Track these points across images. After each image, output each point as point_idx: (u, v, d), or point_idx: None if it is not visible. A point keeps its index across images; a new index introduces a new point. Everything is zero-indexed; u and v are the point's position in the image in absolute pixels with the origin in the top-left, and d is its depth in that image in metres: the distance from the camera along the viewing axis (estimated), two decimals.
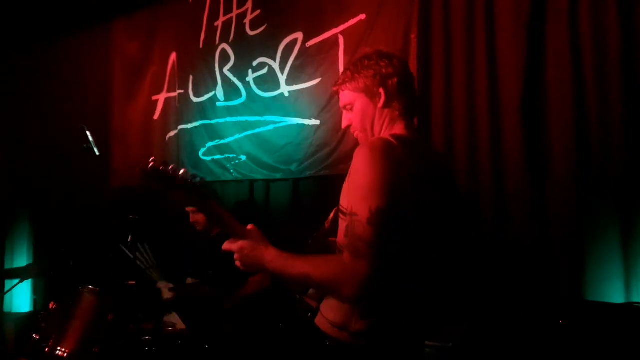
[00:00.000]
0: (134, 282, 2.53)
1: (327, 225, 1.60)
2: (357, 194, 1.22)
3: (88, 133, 2.80)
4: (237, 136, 3.49)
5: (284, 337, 1.47)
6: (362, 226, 1.17)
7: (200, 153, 3.67)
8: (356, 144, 2.86)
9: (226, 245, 1.34)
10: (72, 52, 4.33)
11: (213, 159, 3.61)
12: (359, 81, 1.44)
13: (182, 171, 1.24)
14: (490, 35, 2.51)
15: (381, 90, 1.42)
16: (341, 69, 3.05)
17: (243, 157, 3.46)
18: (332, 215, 1.60)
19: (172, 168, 1.24)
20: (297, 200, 3.26)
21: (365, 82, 1.43)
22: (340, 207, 1.34)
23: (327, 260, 1.29)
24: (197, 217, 1.39)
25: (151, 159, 1.22)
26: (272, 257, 1.30)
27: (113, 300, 2.49)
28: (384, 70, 1.42)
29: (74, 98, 4.24)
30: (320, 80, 3.13)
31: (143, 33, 4.04)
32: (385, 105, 1.43)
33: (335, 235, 1.40)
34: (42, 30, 4.34)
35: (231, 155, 3.50)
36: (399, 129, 1.42)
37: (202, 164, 3.66)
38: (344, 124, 1.51)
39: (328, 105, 3.10)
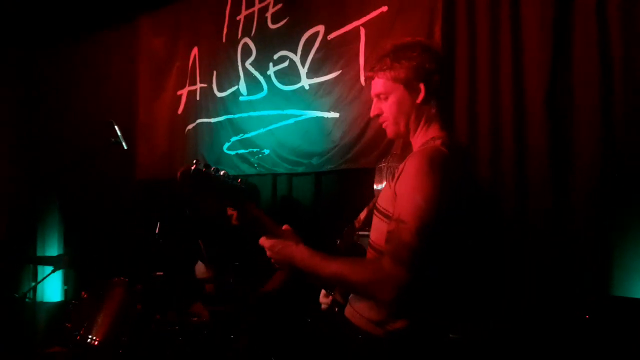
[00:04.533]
0: (161, 273, 2.59)
1: (357, 224, 1.59)
2: (408, 203, 1.20)
3: (116, 127, 2.87)
4: (259, 130, 3.52)
5: (312, 329, 1.48)
6: (410, 235, 1.16)
7: (225, 147, 3.71)
8: (376, 137, 2.92)
9: (261, 241, 1.35)
10: (99, 49, 4.43)
11: (237, 153, 3.65)
12: (398, 71, 1.35)
13: (222, 172, 1.24)
14: (516, 28, 2.46)
15: (421, 85, 1.34)
16: (362, 61, 3.03)
17: (266, 151, 3.49)
18: (363, 215, 1.59)
19: (214, 170, 1.24)
20: (320, 194, 3.27)
21: (405, 73, 1.35)
22: (380, 209, 1.33)
23: (363, 264, 1.28)
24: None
25: (195, 162, 1.21)
26: (303, 256, 1.30)
27: (141, 291, 2.56)
28: (427, 65, 1.34)
29: (101, 94, 4.34)
30: (341, 73, 3.13)
31: (168, 29, 4.09)
32: (424, 102, 1.36)
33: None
34: (69, 29, 4.44)
35: (255, 150, 3.54)
36: (435, 129, 1.37)
37: (226, 158, 3.70)
38: (373, 112, 1.44)
39: (348, 97, 3.10)
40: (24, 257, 4.00)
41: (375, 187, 2.58)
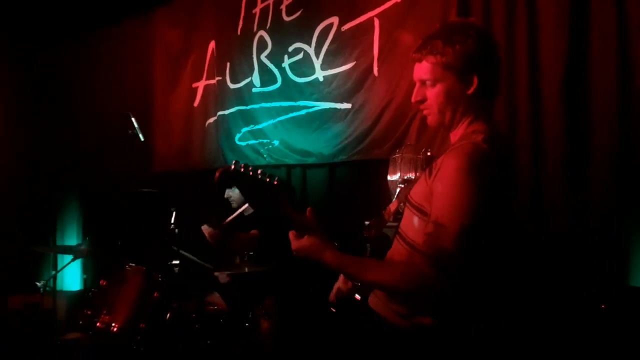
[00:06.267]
0: (177, 262, 2.64)
1: (386, 216, 1.57)
2: (448, 206, 1.15)
3: (133, 119, 2.92)
4: (270, 121, 3.55)
5: (336, 318, 1.48)
6: (451, 241, 1.12)
7: (236, 138, 3.75)
8: (389, 128, 2.91)
9: (290, 235, 1.29)
10: (116, 41, 4.47)
11: (248, 144, 3.69)
12: (450, 57, 1.22)
13: (259, 171, 1.23)
14: (532, 17, 2.43)
15: (475, 77, 1.23)
16: (376, 52, 3.03)
17: (276, 142, 3.51)
18: (393, 207, 1.56)
19: (252, 169, 1.21)
20: (334, 186, 3.28)
21: (458, 61, 1.22)
22: (414, 203, 1.27)
23: (402, 271, 1.21)
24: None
25: (234, 162, 1.19)
26: (333, 262, 1.24)
27: (158, 279, 2.61)
28: (483, 53, 1.22)
29: (118, 86, 4.39)
30: (355, 64, 3.13)
31: (183, 21, 4.13)
32: (475, 95, 1.24)
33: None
34: (86, 21, 4.50)
35: (265, 140, 3.56)
36: (479, 123, 1.27)
37: (238, 149, 3.74)
38: (415, 98, 1.31)
39: (361, 89, 3.10)
40: (45, 246, 4.08)
41: (389, 178, 2.58)
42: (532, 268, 2.35)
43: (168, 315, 2.56)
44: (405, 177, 2.42)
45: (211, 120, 3.95)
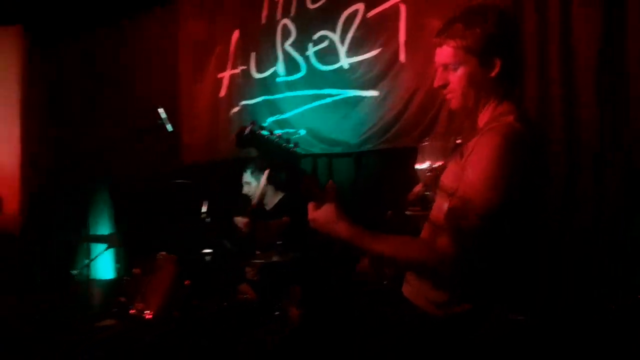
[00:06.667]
0: (209, 251, 2.68)
1: (410, 197, 1.57)
2: (478, 182, 1.13)
3: (161, 111, 2.95)
4: (296, 111, 3.54)
5: (368, 305, 1.48)
6: (475, 217, 1.11)
7: None
8: (417, 115, 2.87)
9: (309, 206, 1.28)
10: (141, 34, 4.51)
11: None
12: (470, 40, 1.22)
13: (277, 135, 1.22)
14: (565, 2, 2.36)
15: (497, 60, 1.22)
16: (402, 38, 2.99)
17: (302, 132, 3.51)
18: (417, 189, 1.56)
19: (270, 132, 1.21)
20: (360, 174, 3.27)
21: (480, 44, 1.21)
22: (446, 188, 1.28)
23: (417, 244, 1.22)
24: None
25: (250, 122, 1.19)
26: (348, 234, 1.22)
27: (189, 268, 2.66)
28: (504, 35, 1.22)
29: (145, 77, 4.44)
30: (381, 51, 3.10)
31: (207, 12, 4.12)
32: (499, 77, 1.24)
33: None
34: (111, 14, 4.55)
35: (291, 130, 3.56)
36: (506, 104, 1.26)
37: None
38: (437, 83, 1.31)
39: (388, 75, 3.07)
40: (79, 236, 4.21)
41: (417, 166, 2.54)
42: (558, 262, 2.30)
43: (199, 303, 2.61)
44: (435, 166, 2.39)
45: (235, 110, 3.96)
